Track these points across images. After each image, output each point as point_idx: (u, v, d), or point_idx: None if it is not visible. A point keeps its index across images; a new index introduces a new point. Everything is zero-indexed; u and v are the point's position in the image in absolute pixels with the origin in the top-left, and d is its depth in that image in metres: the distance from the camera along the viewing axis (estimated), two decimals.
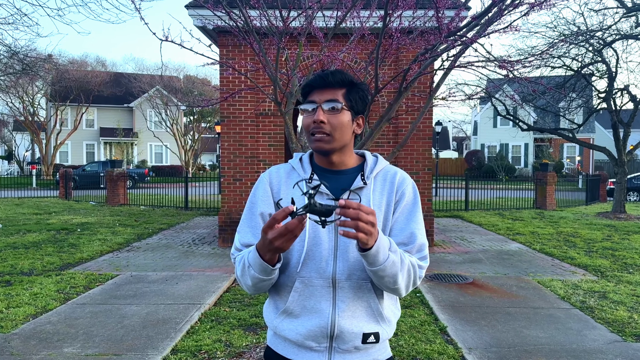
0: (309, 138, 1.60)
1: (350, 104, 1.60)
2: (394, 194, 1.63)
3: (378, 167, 1.67)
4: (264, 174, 1.72)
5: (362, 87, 1.65)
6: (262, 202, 1.66)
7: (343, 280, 1.56)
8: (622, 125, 15.46)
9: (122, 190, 18.02)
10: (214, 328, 4.93)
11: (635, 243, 10.21)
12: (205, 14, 7.92)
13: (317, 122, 1.55)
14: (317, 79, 1.60)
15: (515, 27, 3.39)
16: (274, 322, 1.64)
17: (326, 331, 1.55)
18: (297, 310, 1.58)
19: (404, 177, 1.67)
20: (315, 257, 1.57)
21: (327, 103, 1.57)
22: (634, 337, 4.81)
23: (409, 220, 1.62)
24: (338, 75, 1.59)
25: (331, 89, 1.58)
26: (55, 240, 9.94)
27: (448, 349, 4.43)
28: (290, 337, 1.59)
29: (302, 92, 1.64)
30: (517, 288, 6.58)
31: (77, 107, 37.95)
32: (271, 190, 1.67)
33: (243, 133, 9.42)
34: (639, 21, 14.80)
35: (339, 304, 1.56)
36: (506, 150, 41.56)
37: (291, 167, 1.70)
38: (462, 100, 5.04)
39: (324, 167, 1.66)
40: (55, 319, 5.17)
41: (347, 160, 1.66)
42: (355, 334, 1.56)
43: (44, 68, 26.35)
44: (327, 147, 1.58)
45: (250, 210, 1.68)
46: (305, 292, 1.57)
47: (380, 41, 3.18)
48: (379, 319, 1.60)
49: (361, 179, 1.62)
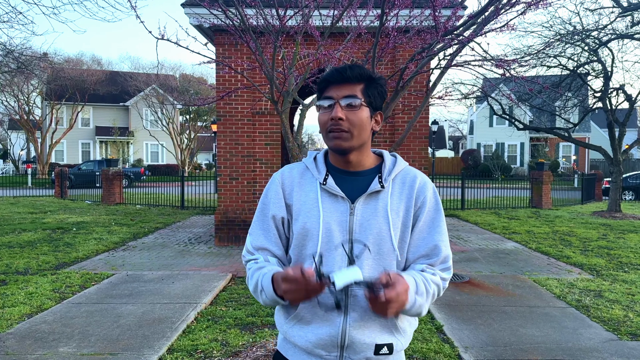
0: (326, 136, 1.53)
1: (369, 99, 1.53)
2: (413, 199, 1.56)
3: (397, 169, 1.60)
4: (276, 174, 1.65)
5: (380, 81, 1.57)
6: (274, 204, 1.60)
7: (356, 288, 1.49)
8: (617, 125, 15.51)
9: (118, 189, 17.98)
10: (210, 327, 4.93)
11: (631, 242, 10.25)
12: (201, 13, 7.90)
13: (335, 119, 1.49)
14: (335, 73, 1.53)
15: (512, 26, 3.39)
16: (284, 327, 1.59)
17: (336, 340, 1.50)
18: (308, 317, 1.53)
19: (424, 181, 1.60)
20: (329, 262, 1.51)
21: (345, 99, 1.50)
22: (629, 336, 4.82)
23: (432, 230, 1.56)
24: (356, 70, 1.52)
25: (349, 84, 1.51)
26: (51, 240, 9.91)
27: (444, 348, 4.44)
28: (300, 343, 1.54)
29: (319, 87, 1.57)
30: (513, 287, 6.59)
31: (72, 105, 37.81)
32: (283, 191, 1.61)
33: (239, 132, 9.41)
34: (635, 21, 14.84)
35: (350, 313, 1.50)
36: (502, 150, 41.64)
37: (305, 167, 1.63)
38: (458, 100, 5.05)
39: (339, 167, 1.59)
40: (51, 318, 5.15)
41: (365, 160, 1.59)
42: (367, 344, 1.50)
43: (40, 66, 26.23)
44: (346, 145, 1.51)
45: (262, 212, 1.63)
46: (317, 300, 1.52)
47: (377, 40, 3.18)
48: (393, 330, 1.54)
49: (378, 182, 1.55)
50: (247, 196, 9.48)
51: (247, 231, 10.02)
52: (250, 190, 9.50)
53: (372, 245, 1.50)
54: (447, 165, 43.49)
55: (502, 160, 38.40)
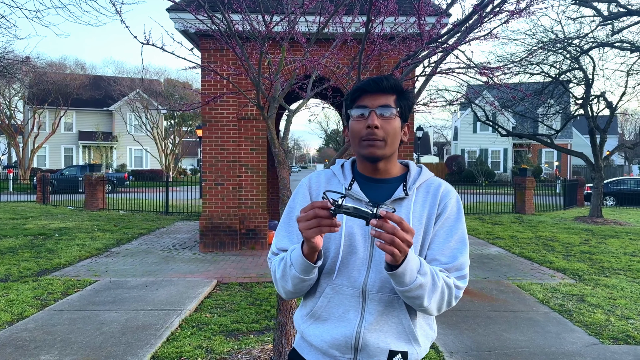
0: (360, 144, 1.55)
1: (400, 110, 1.56)
2: (436, 207, 1.58)
3: (422, 178, 1.62)
4: (304, 180, 1.69)
5: (410, 95, 1.61)
6: (300, 206, 1.61)
7: (374, 292, 1.51)
8: (598, 131, 15.77)
9: (101, 194, 17.79)
10: (194, 334, 4.89)
11: (612, 247, 10.40)
12: (187, 18, 7.88)
13: (372, 127, 1.51)
14: (371, 83, 1.55)
15: (495, 34, 3.44)
16: (302, 326, 1.61)
17: (351, 342, 1.50)
18: (325, 316, 1.55)
19: (448, 190, 1.62)
20: (349, 265, 1.53)
21: (381, 108, 1.53)
22: (611, 340, 4.89)
23: (450, 236, 1.56)
24: (392, 81, 1.55)
25: (384, 94, 1.54)
26: (32, 246, 9.76)
27: (429, 353, 4.45)
28: (315, 343, 1.55)
29: (352, 96, 1.58)
30: (497, 292, 6.64)
31: (55, 110, 37.37)
32: (310, 196, 1.65)
33: (225, 137, 9.38)
34: (615, 29, 15.12)
35: (366, 316, 1.51)
36: (486, 156, 42.03)
37: (332, 174, 1.66)
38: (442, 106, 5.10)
39: (366, 174, 1.62)
40: (32, 325, 5.07)
41: (392, 168, 1.62)
42: (381, 349, 1.50)
43: (22, 70, 25.91)
44: (380, 152, 1.53)
45: (288, 215, 1.66)
46: (334, 299, 1.54)
47: (362, 47, 3.20)
48: (410, 338, 1.53)
49: (403, 190, 1.57)
50: (232, 202, 9.45)
51: (232, 237, 9.97)
52: (235, 196, 9.46)
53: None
54: (432, 170, 43.10)
55: (485, 166, 38.76)
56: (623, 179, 23.62)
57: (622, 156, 50.29)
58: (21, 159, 34.42)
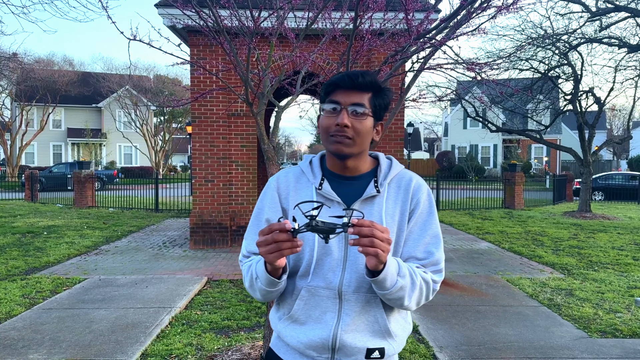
0: (328, 139, 1.51)
1: (374, 109, 1.52)
2: (408, 202, 1.56)
3: (392, 173, 1.59)
4: (272, 179, 1.64)
5: (388, 93, 1.56)
6: (270, 208, 1.59)
7: (350, 292, 1.50)
8: (587, 127, 15.88)
9: (90, 192, 17.66)
10: (184, 332, 4.87)
11: (600, 241, 10.49)
12: (174, 13, 7.82)
13: (341, 125, 1.47)
14: (346, 78, 1.50)
15: (484, 29, 3.45)
16: (278, 327, 1.59)
17: (327, 343, 1.49)
18: (302, 319, 1.53)
19: (419, 184, 1.60)
20: (324, 266, 1.51)
21: (353, 106, 1.48)
22: (599, 333, 4.93)
23: (424, 232, 1.56)
24: (368, 78, 1.49)
25: (358, 91, 1.49)
26: (21, 244, 9.68)
27: (419, 348, 4.47)
28: (292, 343, 1.54)
29: (325, 90, 1.53)
30: (486, 286, 6.68)
31: (43, 107, 37.03)
32: (279, 196, 1.60)
33: (215, 134, 9.34)
34: (603, 25, 15.22)
35: (343, 317, 1.50)
36: (476, 151, 42.24)
37: (300, 171, 1.62)
38: (432, 102, 5.10)
39: (336, 171, 1.58)
40: (20, 324, 5.03)
41: (362, 165, 1.58)
42: (358, 348, 1.49)
43: (9, 67, 25.67)
44: (347, 150, 1.50)
45: (257, 217, 1.62)
46: (310, 301, 1.52)
47: (351, 42, 3.19)
48: (385, 334, 1.53)
49: (374, 187, 1.55)
50: (222, 198, 9.42)
51: (222, 234, 9.94)
52: (226, 193, 9.43)
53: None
54: (423, 166, 43.90)
55: (475, 162, 38.95)
56: (611, 174, 23.83)
57: (610, 151, 50.76)
58: (9, 157, 34.09)
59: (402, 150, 9.72)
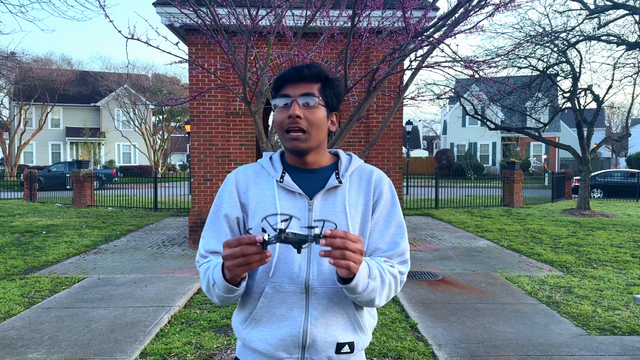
0: (283, 136, 1.51)
1: (326, 99, 1.52)
2: (371, 194, 1.56)
3: (353, 166, 1.59)
4: (230, 175, 1.62)
5: (336, 82, 1.57)
6: (228, 204, 1.56)
7: (317, 286, 1.47)
8: (585, 124, 15.89)
9: (89, 191, 17.64)
10: (184, 330, 4.87)
11: (599, 239, 10.51)
12: (173, 12, 7.80)
13: (293, 116, 1.46)
14: (292, 72, 1.50)
15: (481, 27, 3.44)
16: (242, 333, 1.54)
17: (298, 340, 1.46)
18: (266, 318, 1.49)
19: (380, 175, 1.60)
20: (288, 261, 1.48)
21: (303, 97, 1.48)
22: (597, 331, 4.94)
23: (388, 223, 1.56)
24: (314, 69, 1.50)
25: (306, 82, 1.49)
26: (20, 243, 9.67)
27: (418, 346, 4.48)
28: (260, 347, 1.49)
29: (275, 86, 1.54)
30: (485, 284, 6.69)
31: (42, 106, 36.99)
32: (238, 191, 1.57)
33: (213, 132, 9.33)
34: (601, 23, 15.22)
35: (311, 312, 1.47)
36: (475, 149, 42.26)
37: (260, 167, 1.60)
38: (430, 100, 5.10)
39: (296, 165, 1.57)
40: (19, 324, 5.03)
41: (321, 159, 1.58)
42: (328, 343, 1.47)
43: (7, 66, 25.63)
44: (304, 146, 1.49)
45: (214, 214, 1.58)
46: (275, 298, 1.48)
47: (348, 41, 3.18)
48: (355, 328, 1.52)
49: (336, 178, 1.54)
50: None
51: None
52: None
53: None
54: (421, 165, 43.94)
55: (474, 160, 38.97)
56: (610, 171, 23.85)
57: (609, 149, 50.79)
58: (8, 156, 34.07)
59: (401, 148, 9.72)
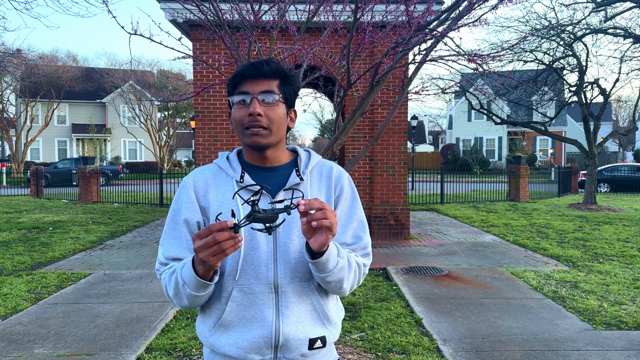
0: (243, 132, 1.48)
1: (285, 96, 1.51)
2: (332, 189, 1.57)
3: (312, 162, 1.58)
4: (186, 179, 1.57)
5: (294, 78, 1.56)
6: (186, 208, 1.52)
7: (285, 284, 1.46)
8: (592, 118, 15.79)
9: (95, 187, 17.72)
10: (189, 326, 4.89)
11: (606, 233, 10.45)
12: (176, 7, 7.80)
13: (254, 114, 1.44)
14: (251, 68, 1.48)
15: (485, 20, 3.42)
16: (211, 339, 1.50)
17: (270, 341, 1.45)
18: (236, 322, 1.46)
19: (340, 171, 1.61)
20: (254, 261, 1.46)
21: (263, 94, 1.46)
22: (603, 326, 4.92)
23: (351, 217, 1.56)
24: (273, 65, 1.48)
25: (265, 79, 1.47)
26: (26, 239, 9.73)
27: (423, 341, 4.47)
28: (231, 352, 1.46)
29: (233, 82, 1.51)
30: (490, 279, 6.67)
31: (47, 103, 37.11)
32: (196, 195, 1.53)
33: (218, 128, 9.33)
34: (608, 16, 15.09)
35: (282, 310, 1.46)
36: (480, 144, 42.10)
37: (217, 168, 1.57)
38: (435, 94, 5.07)
39: (255, 164, 1.55)
40: (26, 319, 5.06)
41: (281, 156, 1.57)
42: (301, 340, 1.46)
43: (13, 63, 25.71)
44: (264, 141, 1.48)
45: (172, 220, 1.54)
46: (244, 301, 1.45)
47: (351, 35, 3.17)
48: (324, 322, 1.52)
49: (297, 175, 1.53)
50: None
51: None
52: None
53: (297, 239, 1.47)
54: (427, 159, 43.82)
55: (480, 155, 38.84)
56: (617, 165, 23.71)
57: (616, 143, 50.49)
58: (14, 153, 34.24)
59: (406, 143, 9.70)
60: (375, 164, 9.59)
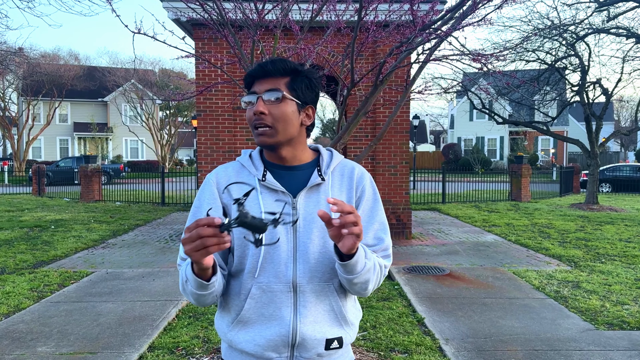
0: (253, 132, 1.50)
1: (296, 93, 1.49)
2: (353, 190, 1.56)
3: (334, 162, 1.58)
4: (209, 175, 1.58)
5: (309, 74, 1.53)
6: (208, 204, 1.52)
7: (304, 283, 1.47)
8: (594, 118, 15.76)
9: (97, 186, 17.73)
10: (191, 324, 4.90)
11: (607, 233, 10.44)
12: (179, 6, 7.81)
13: (257, 113, 1.45)
14: (257, 68, 1.50)
15: (489, 20, 3.42)
16: (228, 335, 1.51)
17: (287, 339, 1.45)
18: (254, 319, 1.47)
19: (362, 172, 1.59)
20: (274, 260, 1.46)
21: (267, 93, 1.47)
22: (605, 326, 4.91)
23: (372, 219, 1.56)
24: (279, 64, 1.48)
25: (272, 78, 1.48)
26: (28, 238, 9.74)
27: (425, 340, 4.47)
28: (248, 349, 1.47)
29: (245, 84, 1.53)
30: (492, 279, 6.67)
31: (49, 101, 37.16)
32: (218, 192, 1.53)
33: (220, 127, 9.34)
34: (610, 15, 15.07)
35: (300, 310, 1.46)
36: (482, 144, 42.06)
37: (240, 165, 1.57)
38: (438, 94, 5.07)
39: (276, 162, 1.55)
40: (29, 317, 5.07)
41: (300, 155, 1.55)
42: (318, 340, 1.47)
43: (15, 62, 25.73)
44: (270, 141, 1.48)
45: (194, 216, 1.55)
46: (262, 298, 1.46)
47: (355, 34, 3.17)
48: (342, 322, 1.52)
49: (318, 175, 1.53)
50: None
51: None
52: None
53: (317, 239, 1.47)
54: (428, 159, 43.81)
55: (482, 154, 38.81)
56: (619, 165, 23.67)
57: (618, 143, 50.42)
58: (16, 151, 34.27)
59: (408, 142, 9.70)
60: (377, 164, 9.59)
